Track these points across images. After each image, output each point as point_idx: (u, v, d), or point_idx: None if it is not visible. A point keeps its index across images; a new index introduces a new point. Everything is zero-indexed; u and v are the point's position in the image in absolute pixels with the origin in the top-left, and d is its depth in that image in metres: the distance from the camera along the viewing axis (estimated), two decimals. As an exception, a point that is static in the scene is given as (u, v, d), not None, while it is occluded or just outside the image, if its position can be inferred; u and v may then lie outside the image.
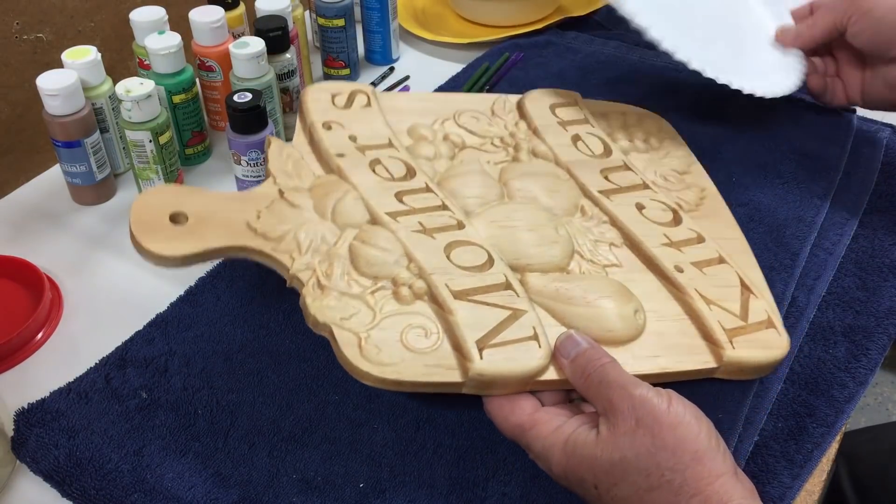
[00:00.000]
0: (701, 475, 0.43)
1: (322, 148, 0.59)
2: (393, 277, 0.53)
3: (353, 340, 0.49)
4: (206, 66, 0.78)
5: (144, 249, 0.51)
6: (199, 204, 0.54)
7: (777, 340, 0.54)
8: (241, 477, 0.52)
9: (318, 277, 0.51)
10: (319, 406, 0.56)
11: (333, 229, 0.54)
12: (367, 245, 0.54)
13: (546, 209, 0.60)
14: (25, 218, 0.74)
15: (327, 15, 0.86)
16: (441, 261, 0.54)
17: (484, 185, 0.60)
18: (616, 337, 0.52)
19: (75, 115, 0.69)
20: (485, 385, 0.49)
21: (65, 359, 0.61)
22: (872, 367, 0.58)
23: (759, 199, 0.71)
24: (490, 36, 0.95)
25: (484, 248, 0.55)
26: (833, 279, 0.64)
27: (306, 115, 0.61)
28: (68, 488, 0.51)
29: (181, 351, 0.59)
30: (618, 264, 0.58)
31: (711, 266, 0.58)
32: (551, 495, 0.51)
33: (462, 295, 0.52)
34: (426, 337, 0.50)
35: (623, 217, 0.60)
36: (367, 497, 0.51)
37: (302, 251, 0.52)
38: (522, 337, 0.50)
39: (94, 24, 0.80)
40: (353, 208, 0.56)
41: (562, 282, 0.55)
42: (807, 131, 0.78)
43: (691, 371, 0.53)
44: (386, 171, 0.58)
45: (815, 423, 0.55)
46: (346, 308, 0.50)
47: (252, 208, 0.54)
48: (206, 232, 0.52)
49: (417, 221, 0.56)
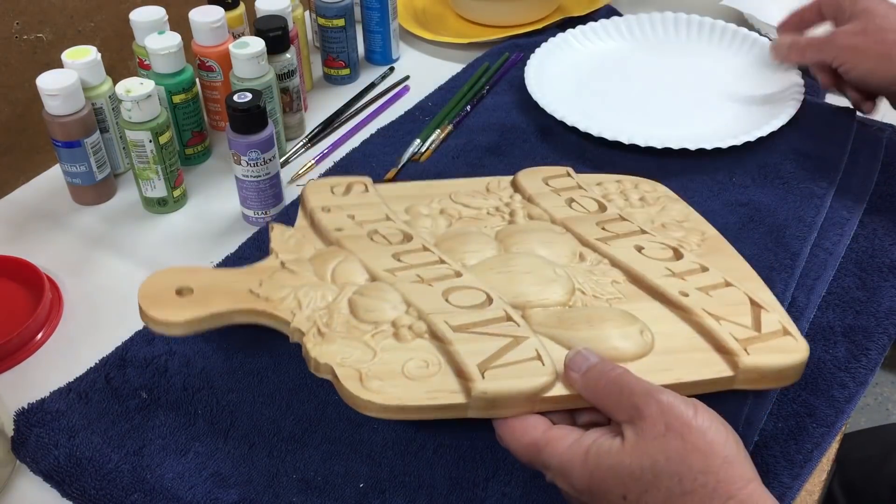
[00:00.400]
0: (733, 479, 0.42)
1: (322, 226, 0.60)
2: (392, 321, 0.53)
3: (354, 375, 0.49)
4: (206, 66, 0.78)
5: (150, 318, 0.53)
6: (204, 278, 0.55)
7: (795, 346, 0.53)
8: (241, 477, 0.52)
9: (319, 327, 0.52)
10: (319, 406, 0.56)
11: (333, 289, 0.55)
12: (365, 297, 0.55)
13: (542, 258, 0.60)
14: (25, 218, 0.74)
15: (327, 15, 0.86)
16: (439, 303, 0.54)
17: (480, 243, 0.61)
18: (623, 355, 0.51)
19: (75, 115, 0.69)
20: (490, 405, 0.48)
21: (65, 359, 0.61)
22: (872, 367, 0.58)
23: (759, 199, 0.71)
24: (490, 36, 0.95)
25: (482, 290, 0.55)
26: (833, 279, 0.64)
27: (306, 203, 0.63)
28: (68, 488, 0.51)
29: (181, 351, 0.59)
30: (621, 297, 0.57)
31: (718, 289, 0.57)
32: (551, 495, 0.51)
33: (462, 328, 0.52)
34: (427, 367, 0.50)
35: (623, 257, 0.60)
36: (367, 497, 0.51)
37: (303, 308, 0.54)
38: (525, 358, 0.50)
39: (94, 24, 0.80)
40: (352, 269, 0.57)
41: (563, 312, 0.55)
42: (807, 131, 0.78)
43: (708, 381, 0.52)
44: (383, 238, 0.60)
45: (815, 423, 0.55)
46: (346, 349, 0.51)
47: (255, 278, 0.56)
48: (211, 300, 0.54)
49: (415, 274, 0.57)
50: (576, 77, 0.87)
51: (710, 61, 0.88)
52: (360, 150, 0.79)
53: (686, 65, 0.88)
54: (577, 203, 0.66)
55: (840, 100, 0.85)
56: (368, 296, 0.54)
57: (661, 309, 0.56)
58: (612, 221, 0.64)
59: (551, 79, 0.85)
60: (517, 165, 0.76)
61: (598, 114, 0.81)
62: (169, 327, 0.52)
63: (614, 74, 0.88)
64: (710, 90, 0.84)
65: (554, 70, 0.87)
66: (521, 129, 0.81)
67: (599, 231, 0.63)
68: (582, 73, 0.88)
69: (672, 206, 0.67)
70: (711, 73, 0.86)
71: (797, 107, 0.78)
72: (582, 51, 0.90)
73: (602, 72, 0.88)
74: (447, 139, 0.80)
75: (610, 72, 0.88)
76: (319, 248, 0.59)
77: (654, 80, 0.87)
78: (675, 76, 0.87)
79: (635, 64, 0.89)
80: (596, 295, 0.57)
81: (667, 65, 0.88)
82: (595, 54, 0.90)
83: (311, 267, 0.57)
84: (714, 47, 0.90)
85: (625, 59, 0.90)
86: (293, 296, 0.54)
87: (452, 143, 0.80)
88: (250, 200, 0.71)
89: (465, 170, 0.76)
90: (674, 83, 0.86)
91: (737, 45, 0.88)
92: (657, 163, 0.74)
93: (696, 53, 0.89)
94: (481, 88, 0.86)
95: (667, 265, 0.59)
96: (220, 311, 0.53)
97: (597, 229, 0.63)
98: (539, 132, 0.80)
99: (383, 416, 0.48)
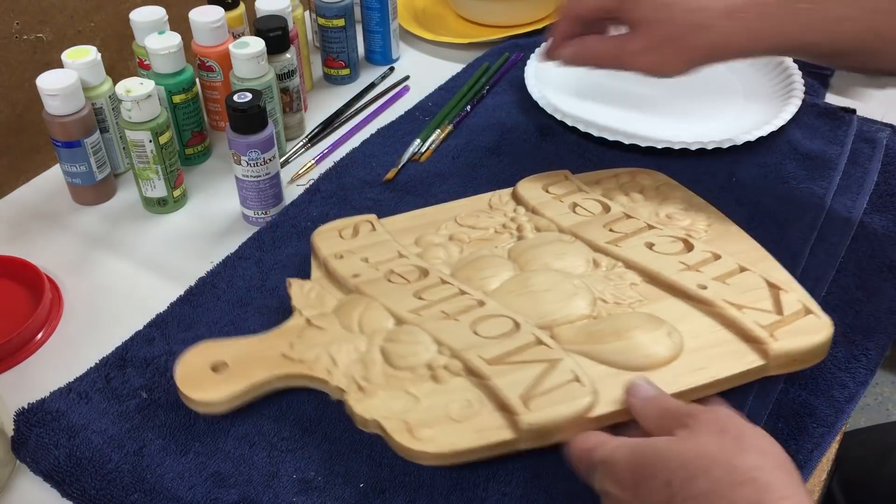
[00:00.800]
0: (787, 482, 0.41)
1: (338, 275, 0.61)
2: (427, 363, 0.54)
3: (402, 427, 0.50)
4: (206, 66, 0.78)
5: (192, 401, 0.53)
6: (236, 349, 0.56)
7: (818, 324, 0.55)
8: (241, 477, 0.52)
9: (358, 382, 0.53)
10: (319, 406, 0.56)
11: (362, 339, 0.56)
12: (397, 343, 0.55)
13: (559, 270, 0.60)
14: (25, 218, 0.74)
15: (327, 15, 0.86)
16: (469, 337, 0.55)
17: (496, 266, 0.61)
18: (656, 361, 0.53)
19: (75, 115, 0.69)
20: (540, 435, 0.49)
21: (65, 359, 0.61)
22: (872, 367, 0.58)
23: (759, 199, 0.71)
24: (490, 36, 0.95)
25: (508, 317, 0.56)
26: (833, 279, 0.64)
27: (318, 252, 0.63)
28: (68, 488, 0.51)
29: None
30: (642, 299, 0.58)
31: (734, 276, 0.59)
32: (551, 495, 0.51)
33: (496, 361, 0.53)
34: (471, 406, 0.51)
35: (635, 258, 0.61)
36: (367, 497, 0.51)
37: (338, 364, 0.54)
38: (564, 381, 0.51)
39: (94, 24, 0.80)
40: (377, 316, 0.57)
41: (591, 326, 0.56)
42: (807, 131, 0.78)
43: (742, 373, 0.53)
44: (401, 277, 0.60)
45: (815, 423, 0.55)
46: (389, 402, 0.52)
47: (285, 341, 0.56)
48: (247, 371, 0.54)
49: (439, 310, 0.57)
50: (575, 76, 0.87)
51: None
52: (360, 150, 0.79)
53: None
54: (580, 207, 0.66)
55: (840, 100, 0.85)
56: (399, 341, 0.55)
57: (682, 305, 0.57)
58: (618, 221, 0.65)
59: (551, 78, 0.85)
60: (517, 165, 0.76)
61: (598, 114, 0.81)
62: (212, 406, 0.53)
63: (615, 74, 0.88)
64: (711, 90, 0.84)
65: (554, 69, 0.86)
66: (521, 129, 0.81)
67: (608, 233, 0.63)
68: (581, 72, 0.87)
69: (672, 194, 0.68)
70: (712, 72, 0.86)
71: (797, 107, 0.78)
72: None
73: (602, 71, 0.88)
74: (447, 139, 0.80)
75: (610, 71, 0.88)
76: (340, 297, 0.60)
77: (655, 79, 0.87)
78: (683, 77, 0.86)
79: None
80: (618, 301, 0.58)
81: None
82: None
83: (337, 319, 0.57)
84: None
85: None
86: (326, 353, 0.55)
87: (452, 143, 0.80)
88: (250, 200, 0.71)
89: (465, 170, 0.76)
90: (674, 83, 0.86)
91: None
92: (657, 163, 0.74)
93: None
94: (481, 88, 0.86)
95: (680, 259, 0.60)
96: (258, 381, 0.54)
97: (605, 232, 0.64)
98: (539, 132, 0.80)
99: (438, 463, 0.50)
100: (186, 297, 0.64)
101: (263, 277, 0.65)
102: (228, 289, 0.64)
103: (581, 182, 0.70)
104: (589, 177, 0.71)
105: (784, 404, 0.56)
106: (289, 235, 0.69)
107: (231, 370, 0.54)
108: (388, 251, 0.63)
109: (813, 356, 0.55)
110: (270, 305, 0.63)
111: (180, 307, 0.63)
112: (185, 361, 0.55)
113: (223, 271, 0.66)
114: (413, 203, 0.71)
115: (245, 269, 0.66)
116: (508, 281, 0.60)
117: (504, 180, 0.72)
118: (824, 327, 0.55)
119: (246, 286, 0.64)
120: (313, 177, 0.77)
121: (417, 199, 0.72)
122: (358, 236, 0.64)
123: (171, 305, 0.63)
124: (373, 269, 0.61)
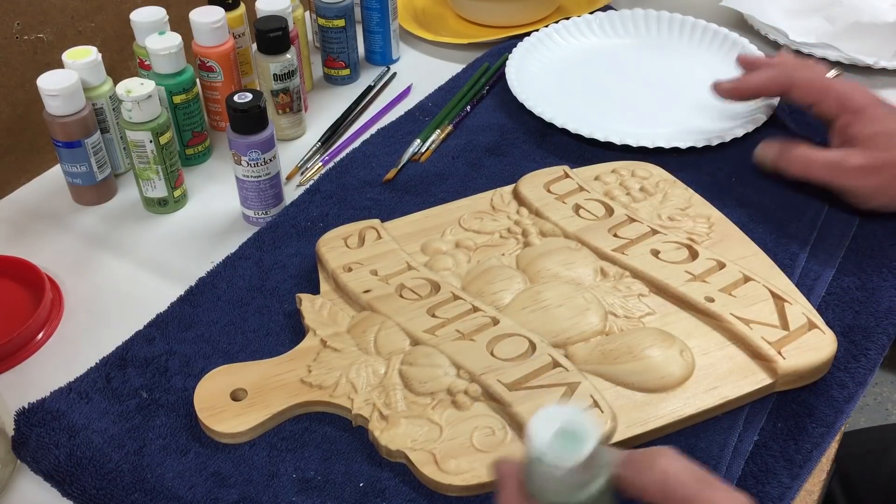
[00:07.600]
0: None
1: (349, 290, 0.61)
2: (447, 388, 0.54)
3: (428, 458, 0.51)
4: (206, 66, 0.78)
5: (215, 433, 0.53)
6: (253, 374, 0.56)
7: (823, 339, 0.56)
8: (240, 477, 0.52)
9: (380, 410, 0.53)
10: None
11: (380, 361, 0.56)
12: (416, 366, 0.55)
13: (569, 282, 0.61)
14: (26, 218, 0.74)
15: (327, 15, 0.86)
16: (487, 360, 0.55)
17: (506, 278, 0.62)
18: (671, 382, 0.54)
19: (76, 116, 0.69)
20: None
21: (65, 359, 0.61)
22: (872, 367, 0.58)
23: (759, 199, 0.71)
24: (490, 36, 0.95)
25: (523, 336, 0.57)
26: (833, 279, 0.64)
27: (325, 264, 0.63)
28: (68, 488, 0.51)
29: (181, 351, 0.59)
30: (651, 312, 0.59)
31: (739, 287, 0.60)
32: (551, 495, 0.51)
33: (515, 385, 0.54)
34: (494, 434, 0.52)
35: (642, 267, 0.62)
36: (367, 497, 0.51)
37: (358, 390, 0.55)
38: (583, 408, 0.52)
39: (95, 25, 0.80)
40: (393, 336, 0.58)
41: (605, 344, 0.56)
42: (807, 132, 0.78)
43: (751, 393, 0.54)
44: (412, 292, 0.61)
45: (815, 423, 0.55)
46: (413, 430, 0.52)
47: (302, 365, 0.56)
48: (267, 399, 0.54)
49: (455, 330, 0.57)
50: (554, 77, 0.87)
51: (712, 62, 0.88)
52: (361, 150, 0.79)
53: (685, 65, 0.88)
54: (584, 209, 0.67)
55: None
56: (418, 365, 0.55)
57: (691, 319, 0.59)
58: (622, 226, 0.65)
59: (531, 77, 0.85)
60: (517, 165, 0.76)
61: (591, 114, 0.81)
62: (236, 437, 0.53)
63: (607, 73, 0.88)
64: (706, 89, 0.84)
65: (534, 71, 0.87)
66: (521, 129, 0.81)
67: (613, 239, 0.64)
68: (563, 69, 0.88)
69: (673, 192, 0.69)
70: (714, 73, 0.86)
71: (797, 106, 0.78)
72: (567, 48, 0.91)
73: (595, 70, 0.88)
74: (447, 139, 0.80)
75: (603, 70, 0.88)
76: (352, 314, 0.60)
77: (651, 79, 0.87)
78: (674, 76, 0.87)
79: (628, 62, 0.89)
80: (627, 315, 0.59)
81: (662, 64, 0.88)
82: (594, 51, 0.90)
83: (353, 340, 0.58)
84: (714, 49, 0.89)
85: (617, 56, 0.90)
86: (345, 378, 0.55)
87: (452, 143, 0.80)
88: (250, 200, 0.71)
89: (465, 170, 0.76)
90: (677, 83, 0.86)
91: (737, 48, 0.88)
92: (657, 163, 0.74)
93: (693, 54, 0.89)
94: (481, 88, 0.86)
95: (685, 268, 0.61)
96: (279, 409, 0.54)
97: (610, 238, 0.65)
98: (539, 132, 0.80)
99: (466, 494, 0.50)
100: (186, 297, 0.64)
101: (263, 277, 0.65)
102: (228, 289, 0.64)
103: (580, 178, 0.70)
104: (588, 171, 0.71)
105: (783, 404, 0.56)
106: (289, 235, 0.69)
107: (251, 399, 0.54)
108: (396, 262, 0.63)
109: (818, 372, 0.56)
110: (270, 305, 0.63)
111: (180, 307, 0.63)
112: (203, 389, 0.55)
113: (223, 271, 0.66)
114: (413, 203, 0.72)
115: (245, 269, 0.66)
116: (520, 295, 0.60)
117: (504, 180, 0.72)
118: (829, 343, 0.56)
119: (246, 286, 0.64)
120: (313, 177, 0.77)
121: (417, 199, 0.72)
122: (364, 245, 0.64)
123: (172, 305, 0.63)
124: (383, 283, 0.61)
